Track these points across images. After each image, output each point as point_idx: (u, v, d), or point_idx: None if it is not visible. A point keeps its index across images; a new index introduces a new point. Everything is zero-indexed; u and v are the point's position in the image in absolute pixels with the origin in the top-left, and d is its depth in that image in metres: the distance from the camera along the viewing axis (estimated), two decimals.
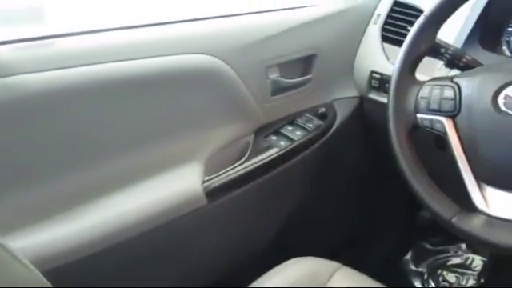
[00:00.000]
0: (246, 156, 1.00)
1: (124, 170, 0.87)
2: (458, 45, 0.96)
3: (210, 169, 0.96)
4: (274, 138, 1.04)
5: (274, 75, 1.03)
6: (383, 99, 0.86)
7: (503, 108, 0.70)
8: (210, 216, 0.94)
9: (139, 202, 0.86)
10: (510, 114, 0.70)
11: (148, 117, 0.88)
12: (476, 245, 1.30)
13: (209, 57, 0.91)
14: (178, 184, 0.91)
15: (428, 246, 1.45)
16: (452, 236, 1.38)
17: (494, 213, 0.70)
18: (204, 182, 0.92)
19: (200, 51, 0.90)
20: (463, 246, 1.39)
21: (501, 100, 0.71)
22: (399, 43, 0.85)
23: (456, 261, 1.38)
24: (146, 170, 0.89)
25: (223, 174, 0.95)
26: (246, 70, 0.97)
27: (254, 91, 1.00)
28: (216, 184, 0.93)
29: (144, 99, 0.86)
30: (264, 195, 1.03)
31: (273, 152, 1.01)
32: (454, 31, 0.99)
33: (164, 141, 0.91)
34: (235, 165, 0.97)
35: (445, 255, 1.41)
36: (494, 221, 0.70)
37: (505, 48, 1.00)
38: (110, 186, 0.85)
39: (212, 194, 0.92)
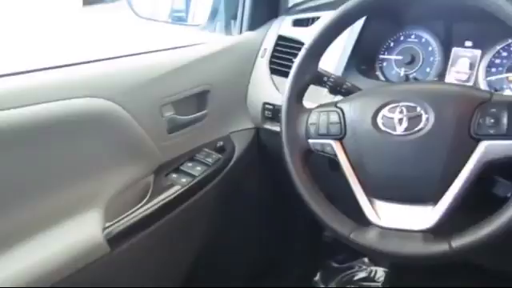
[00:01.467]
0: (148, 197, 0.98)
1: (19, 222, 0.80)
2: (339, 73, 1.05)
3: (111, 214, 0.92)
4: (175, 175, 1.04)
5: (170, 113, 1.03)
6: (277, 128, 0.90)
7: (382, 127, 0.77)
8: (115, 263, 0.90)
9: (36, 256, 0.80)
10: (388, 133, 0.77)
11: (42, 165, 0.83)
12: (376, 257, 1.39)
13: (100, 100, 0.89)
14: (78, 233, 0.86)
15: (335, 265, 1.51)
16: (355, 251, 1.47)
17: (385, 224, 0.76)
18: (105, 228, 0.88)
19: (90, 94, 0.88)
20: (366, 260, 1.47)
21: (379, 120, 0.78)
22: (286, 74, 0.90)
23: (361, 275, 1.45)
24: (42, 221, 0.83)
25: (125, 218, 0.92)
26: (140, 109, 0.96)
27: (150, 130, 0.99)
28: (118, 229, 0.90)
29: (35, 147, 0.81)
30: (170, 234, 1.01)
31: (174, 190, 1.00)
32: (334, 60, 1.07)
33: (60, 189, 0.86)
34: (137, 207, 0.95)
35: (351, 271, 1.48)
36: (386, 232, 0.75)
37: (379, 73, 1.10)
38: (5, 240, 0.79)
39: (114, 240, 0.89)
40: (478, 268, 1.30)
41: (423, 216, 0.73)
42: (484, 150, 0.70)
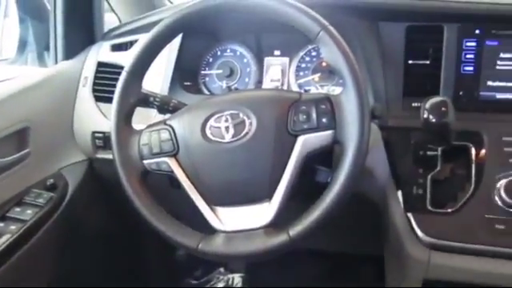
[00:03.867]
0: None
1: None
2: (165, 92, 1.06)
3: None
4: (2, 224, 0.93)
5: None
6: (110, 156, 0.88)
7: (212, 137, 0.81)
8: None
9: None
10: (218, 142, 0.80)
11: None
12: (229, 262, 1.43)
13: None
14: None
15: (193, 282, 1.51)
16: (211, 264, 1.49)
17: (229, 228, 0.79)
18: None
19: None
20: (222, 269, 1.50)
21: (208, 131, 0.81)
22: (112, 100, 0.89)
23: (220, 285, 1.48)
24: None
25: None
26: None
27: None
28: None
29: None
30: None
31: (3, 240, 0.90)
32: (159, 80, 1.08)
33: None
34: None
35: (210, 284, 1.49)
36: (231, 235, 0.79)
37: (203, 88, 1.15)
38: None
39: None
40: (322, 254, 1.43)
41: (262, 213, 0.78)
42: (302, 143, 0.78)
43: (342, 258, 1.56)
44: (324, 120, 0.78)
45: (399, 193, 0.90)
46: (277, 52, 1.11)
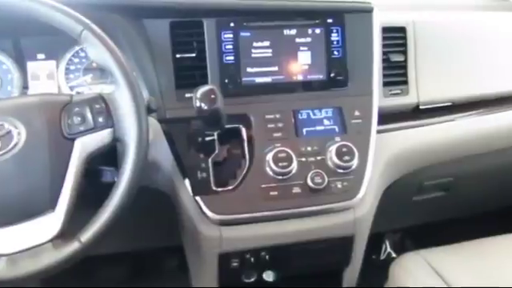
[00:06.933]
0: None
1: None
2: None
3: None
4: None
5: None
6: None
7: None
8: None
9: None
10: None
11: None
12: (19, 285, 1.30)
13: None
14: None
15: None
16: None
17: (12, 250, 0.72)
18: None
19: None
20: None
21: None
22: None
23: None
24: None
25: None
26: None
27: None
28: None
29: None
30: None
31: None
32: None
33: None
34: None
35: None
36: (15, 257, 0.72)
37: None
38: None
39: None
40: (123, 255, 1.41)
41: (47, 226, 0.74)
42: (80, 146, 0.76)
43: (146, 255, 1.57)
44: (100, 119, 0.77)
45: (186, 180, 0.95)
46: (40, 55, 1.04)
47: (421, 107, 1.14)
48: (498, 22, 1.30)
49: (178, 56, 0.98)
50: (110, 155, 0.86)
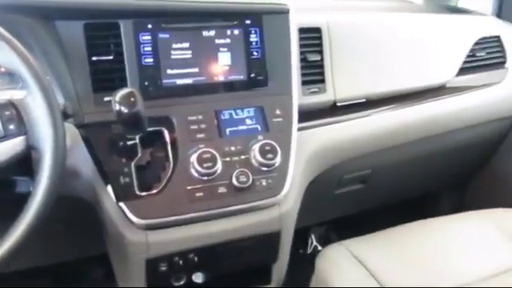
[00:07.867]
0: None
1: None
2: None
3: None
4: None
5: None
6: None
7: None
8: None
9: None
10: None
11: None
12: None
13: None
14: None
15: None
16: None
17: None
18: None
19: None
20: None
21: None
22: None
23: None
24: None
25: None
26: None
27: None
28: None
29: None
30: None
31: None
32: None
33: None
34: None
35: None
36: None
37: None
38: None
39: None
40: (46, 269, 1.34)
41: None
42: None
43: (69, 267, 1.51)
44: (11, 127, 0.74)
45: (109, 186, 0.92)
46: None
47: (338, 104, 1.19)
48: (408, 23, 1.39)
49: (94, 59, 0.95)
50: (23, 164, 0.81)
